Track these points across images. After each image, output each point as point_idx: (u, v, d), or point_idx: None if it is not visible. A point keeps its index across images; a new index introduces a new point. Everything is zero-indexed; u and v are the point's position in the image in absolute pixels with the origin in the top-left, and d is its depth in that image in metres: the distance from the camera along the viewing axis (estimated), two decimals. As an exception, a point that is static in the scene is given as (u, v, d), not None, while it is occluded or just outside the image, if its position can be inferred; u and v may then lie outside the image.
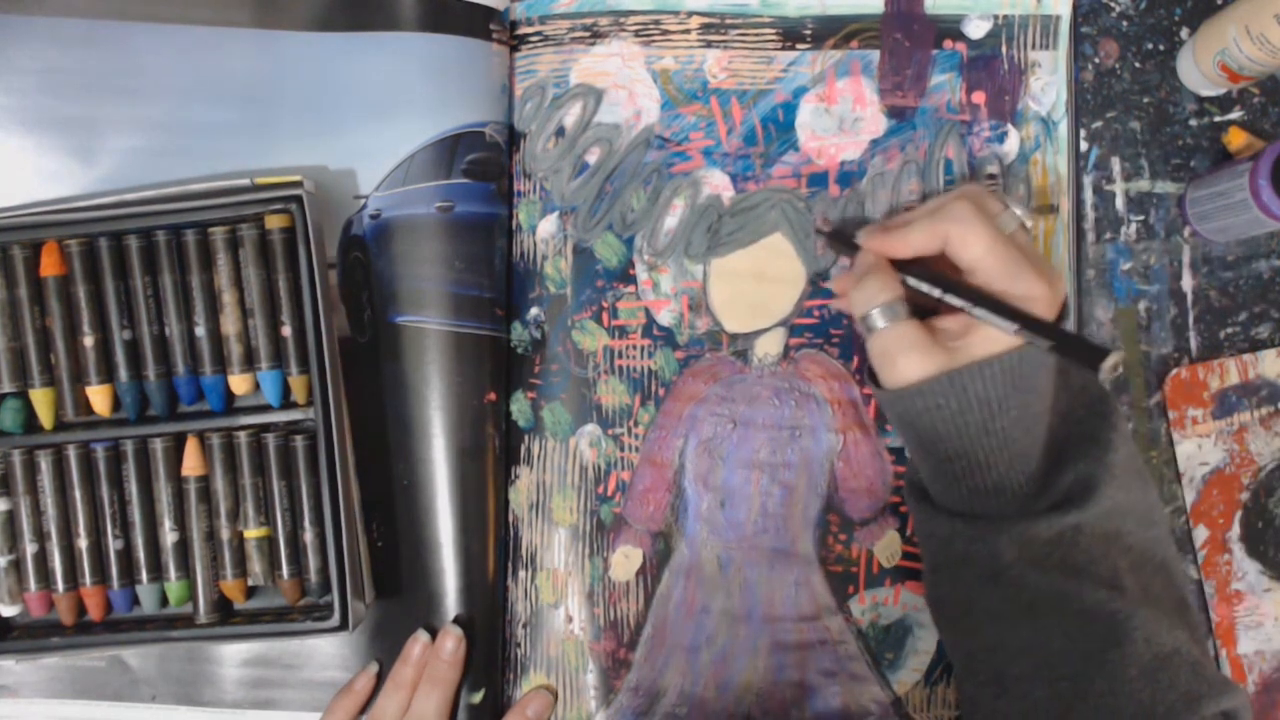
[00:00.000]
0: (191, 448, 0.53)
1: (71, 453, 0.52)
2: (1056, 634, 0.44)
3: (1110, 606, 0.44)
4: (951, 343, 0.46)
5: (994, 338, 0.45)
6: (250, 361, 0.53)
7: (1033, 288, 0.45)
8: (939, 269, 0.48)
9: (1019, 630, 0.45)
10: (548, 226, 0.58)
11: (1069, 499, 0.46)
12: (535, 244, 0.58)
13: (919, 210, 0.49)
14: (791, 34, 0.58)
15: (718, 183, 0.58)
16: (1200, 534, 0.58)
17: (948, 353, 0.45)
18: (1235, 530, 0.58)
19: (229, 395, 0.54)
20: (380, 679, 0.55)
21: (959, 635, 0.50)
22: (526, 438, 0.58)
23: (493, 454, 0.56)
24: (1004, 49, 0.57)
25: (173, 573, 0.53)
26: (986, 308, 0.44)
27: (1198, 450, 0.58)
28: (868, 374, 0.51)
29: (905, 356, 0.46)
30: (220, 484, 0.53)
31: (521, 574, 0.58)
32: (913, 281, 0.48)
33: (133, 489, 0.53)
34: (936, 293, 0.47)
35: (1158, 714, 0.41)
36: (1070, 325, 0.57)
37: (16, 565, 0.53)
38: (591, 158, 0.58)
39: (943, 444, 0.47)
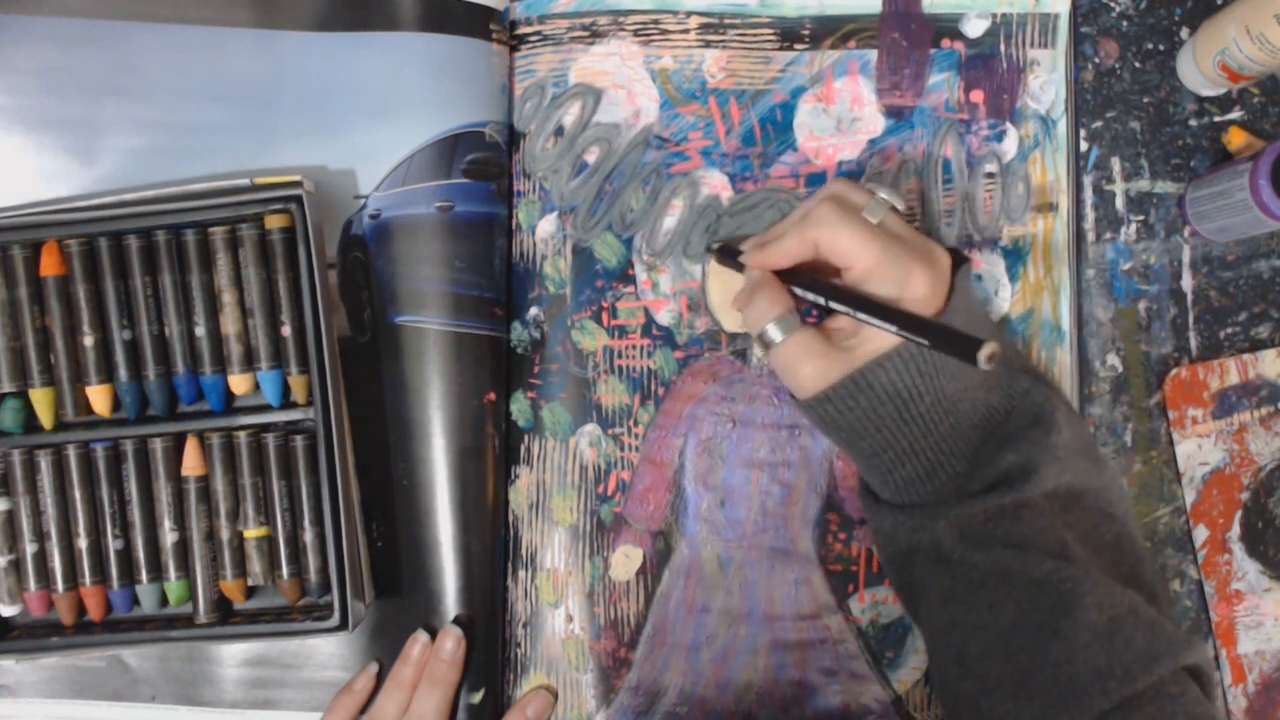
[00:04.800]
0: (191, 448, 0.53)
1: (71, 453, 0.52)
2: (1009, 608, 0.44)
3: (1058, 575, 0.44)
4: (847, 342, 0.47)
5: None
6: (250, 361, 0.53)
7: (908, 269, 0.45)
8: (825, 272, 0.49)
9: (973, 609, 0.46)
10: (547, 226, 0.58)
11: (1008, 479, 0.46)
12: (535, 244, 0.58)
13: (790, 219, 0.50)
14: (789, 34, 0.58)
15: (716, 183, 0.58)
16: (1200, 534, 0.58)
17: (846, 353, 0.47)
18: (1235, 530, 0.58)
19: (229, 395, 0.54)
20: (380, 679, 0.55)
21: (921, 621, 0.50)
22: (526, 438, 0.58)
23: (492, 454, 0.56)
24: (1002, 47, 0.57)
25: (172, 573, 0.53)
26: (867, 311, 0.45)
27: (1198, 450, 0.58)
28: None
29: (806, 366, 0.47)
30: (220, 484, 0.53)
31: (521, 574, 0.58)
32: (799, 292, 0.49)
33: (132, 489, 0.53)
34: (821, 301, 0.48)
35: (1115, 675, 0.41)
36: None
37: (16, 565, 0.53)
38: (590, 157, 0.58)
39: (865, 440, 0.48)
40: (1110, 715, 0.41)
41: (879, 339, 0.46)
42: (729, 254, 0.54)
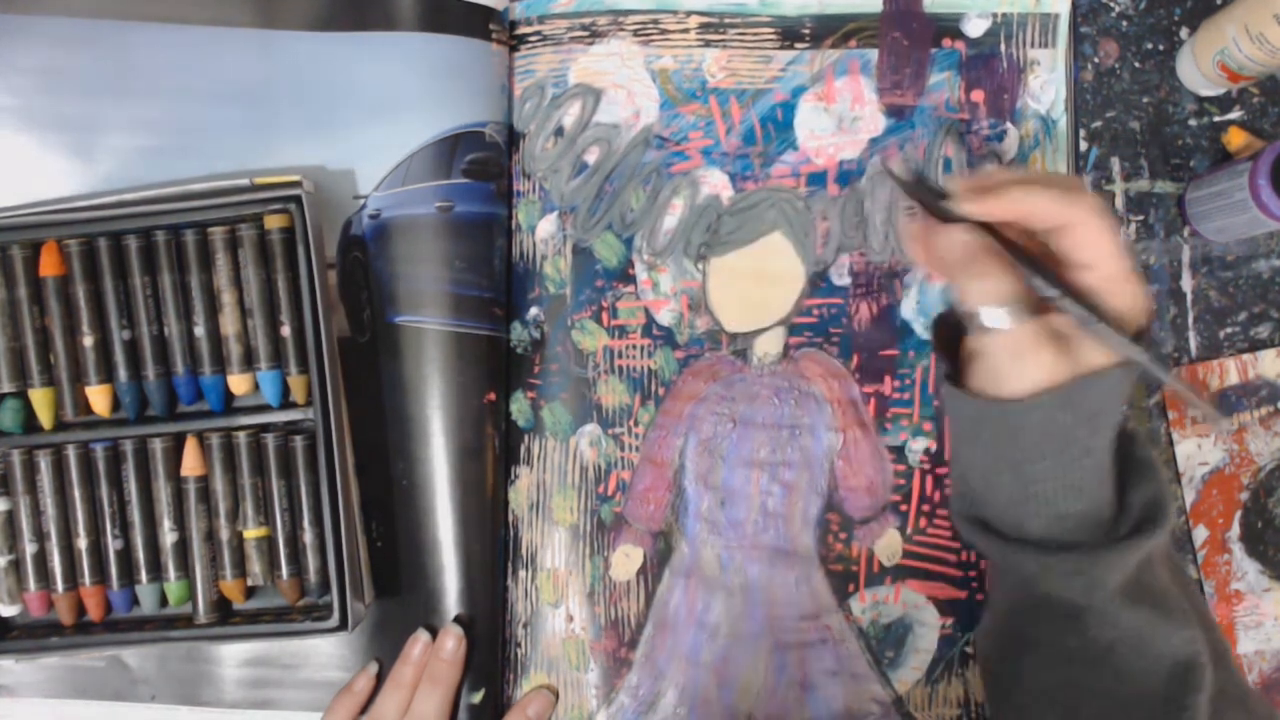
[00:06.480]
0: (191, 448, 0.53)
1: (71, 453, 0.52)
2: (1137, 679, 0.40)
3: (1189, 650, 0.40)
4: (1059, 344, 0.39)
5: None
6: (249, 361, 0.53)
7: (1135, 300, 0.39)
8: (1016, 241, 0.40)
9: (1100, 673, 0.40)
10: (547, 226, 0.58)
11: (1148, 520, 0.40)
12: (535, 244, 0.58)
13: (1031, 176, 0.41)
14: (790, 33, 0.58)
15: (716, 182, 0.58)
16: (1200, 534, 0.58)
17: (1068, 358, 0.38)
18: (1235, 530, 0.58)
19: (228, 395, 0.54)
20: (380, 679, 0.55)
21: (1017, 676, 0.44)
22: (526, 437, 0.58)
23: (492, 454, 0.56)
24: (1003, 47, 0.57)
25: (172, 573, 0.53)
26: (1104, 320, 0.37)
27: (1198, 450, 0.58)
28: (944, 377, 0.42)
29: (1028, 361, 0.38)
30: (219, 484, 0.53)
31: (521, 574, 0.58)
32: (1028, 277, 0.38)
33: (132, 489, 0.53)
34: (1054, 294, 0.38)
35: None
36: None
37: (16, 565, 0.53)
38: (590, 157, 0.58)
39: (1038, 464, 0.39)
40: None
41: (1096, 352, 0.38)
42: (924, 188, 0.41)
